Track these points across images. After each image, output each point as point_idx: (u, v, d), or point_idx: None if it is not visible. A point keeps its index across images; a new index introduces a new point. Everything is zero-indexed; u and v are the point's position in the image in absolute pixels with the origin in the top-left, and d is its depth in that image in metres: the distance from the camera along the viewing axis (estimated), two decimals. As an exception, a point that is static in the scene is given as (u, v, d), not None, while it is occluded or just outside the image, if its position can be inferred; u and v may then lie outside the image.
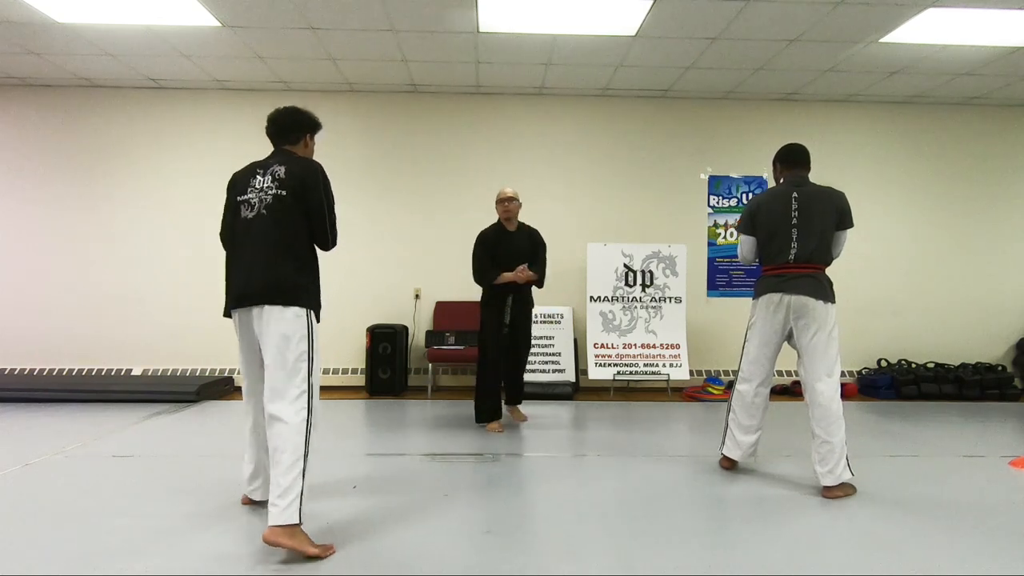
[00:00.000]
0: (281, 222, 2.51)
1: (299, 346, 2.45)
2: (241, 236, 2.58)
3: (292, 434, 2.38)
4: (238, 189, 2.64)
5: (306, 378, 2.45)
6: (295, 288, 2.49)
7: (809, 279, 3.19)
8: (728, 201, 6.60)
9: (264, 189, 2.54)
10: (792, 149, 3.38)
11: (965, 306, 6.66)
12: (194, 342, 6.23)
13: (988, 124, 6.66)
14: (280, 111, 2.73)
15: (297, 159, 2.63)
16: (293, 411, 2.40)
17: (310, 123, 2.78)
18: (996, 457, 3.91)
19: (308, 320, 2.49)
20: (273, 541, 2.29)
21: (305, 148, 2.77)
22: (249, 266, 2.52)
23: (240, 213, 2.59)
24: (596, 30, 4.93)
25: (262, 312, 2.46)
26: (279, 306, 2.45)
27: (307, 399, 2.44)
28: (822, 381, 3.14)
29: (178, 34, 5.06)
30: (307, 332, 2.48)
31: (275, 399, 2.42)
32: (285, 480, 2.33)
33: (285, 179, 2.53)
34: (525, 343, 4.60)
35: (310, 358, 2.47)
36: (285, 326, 2.44)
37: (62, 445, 3.95)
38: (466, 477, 3.43)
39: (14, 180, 6.28)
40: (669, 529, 2.69)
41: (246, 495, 2.89)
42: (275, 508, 2.31)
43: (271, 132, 2.73)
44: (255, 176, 2.60)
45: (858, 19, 4.66)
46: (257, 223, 2.53)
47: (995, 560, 2.42)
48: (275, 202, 2.52)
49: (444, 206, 6.46)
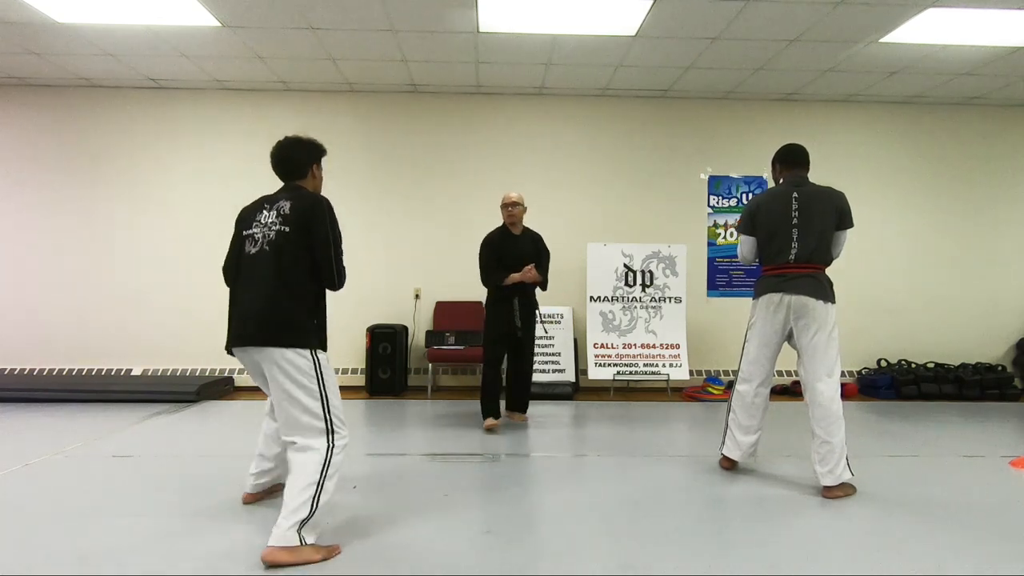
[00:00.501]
0: (284, 259, 2.42)
1: (308, 386, 2.37)
2: (245, 272, 2.51)
3: (309, 460, 2.33)
4: (244, 224, 2.57)
5: (322, 415, 2.38)
6: (296, 328, 2.40)
7: (809, 279, 3.19)
8: (728, 201, 6.60)
9: (268, 225, 2.47)
10: (791, 149, 3.38)
11: (965, 306, 6.66)
12: (194, 342, 6.22)
13: (988, 124, 6.66)
14: (281, 146, 2.64)
15: (303, 195, 2.53)
16: (311, 441, 2.35)
17: (314, 152, 2.68)
18: (996, 457, 3.91)
19: (314, 358, 2.40)
20: (271, 560, 2.25)
21: (314, 179, 2.69)
22: (249, 304, 2.45)
23: (244, 248, 2.52)
24: (596, 30, 4.93)
25: (262, 353, 2.39)
26: (280, 348, 2.36)
27: (327, 433, 2.38)
28: (822, 381, 3.14)
29: (178, 34, 5.06)
30: (315, 370, 2.39)
31: (291, 433, 2.38)
32: (293, 503, 2.28)
33: (289, 215, 2.45)
34: (529, 347, 4.58)
35: (323, 396, 2.39)
36: (288, 368, 2.35)
37: (62, 445, 3.95)
38: (466, 477, 3.43)
39: (14, 180, 6.28)
40: (669, 529, 2.69)
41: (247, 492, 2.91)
42: (277, 529, 2.27)
43: (277, 168, 2.64)
44: (261, 211, 2.53)
45: (858, 19, 4.66)
46: (260, 259, 2.45)
47: (995, 560, 2.42)
48: (278, 238, 2.44)
49: (444, 206, 6.46)
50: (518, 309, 4.43)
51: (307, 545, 2.28)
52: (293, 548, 2.25)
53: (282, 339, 2.37)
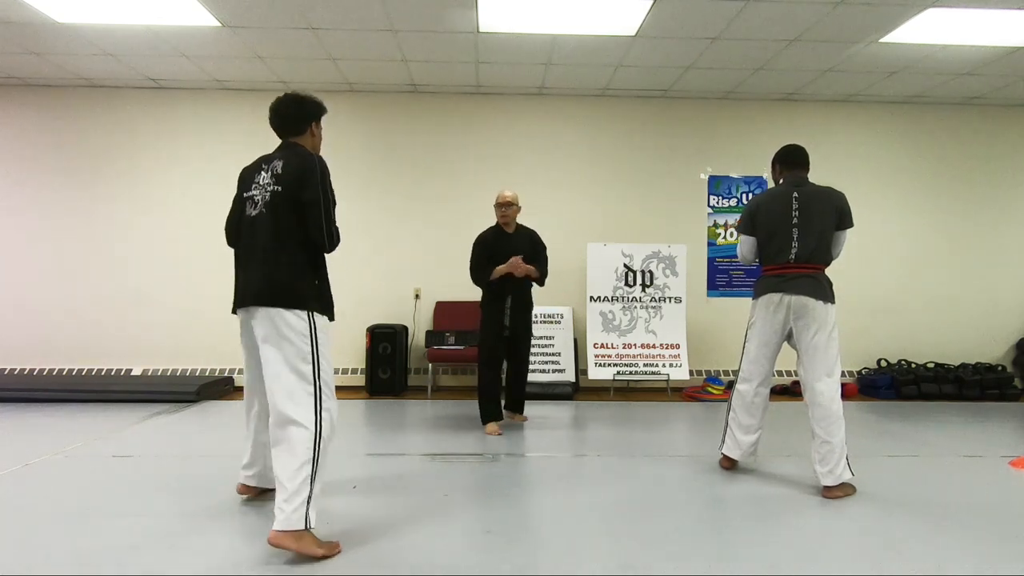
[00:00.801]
0: (280, 220, 2.44)
1: (301, 347, 2.37)
2: (246, 235, 2.54)
3: (299, 437, 2.31)
4: (245, 185, 2.60)
5: (312, 380, 2.37)
6: (292, 290, 2.41)
7: (809, 279, 3.20)
8: (728, 201, 6.60)
9: (265, 186, 2.49)
10: (791, 150, 3.40)
11: (965, 306, 6.66)
12: (194, 342, 6.23)
13: (988, 124, 6.66)
14: (281, 100, 2.64)
15: (297, 153, 2.54)
16: (300, 414, 2.33)
17: (314, 109, 2.67)
18: (996, 457, 3.90)
19: (310, 321, 2.40)
20: (277, 543, 2.26)
21: (312, 137, 2.67)
22: (249, 266, 2.49)
23: (245, 210, 2.55)
24: (596, 30, 4.93)
25: (259, 313, 2.41)
26: (276, 308, 2.38)
27: (315, 401, 2.35)
28: (822, 381, 3.15)
29: (178, 34, 5.06)
30: (309, 333, 2.38)
31: (281, 401, 2.35)
32: (291, 484, 2.26)
33: (282, 175, 2.46)
34: (525, 348, 4.55)
35: (315, 360, 2.38)
36: (283, 328, 2.36)
37: (62, 445, 3.95)
38: (466, 477, 3.43)
39: (14, 180, 6.28)
40: (669, 529, 2.69)
41: (241, 483, 2.90)
42: (280, 513, 2.26)
43: (275, 124, 2.64)
44: (259, 172, 2.54)
45: (858, 19, 4.66)
46: (259, 222, 2.48)
47: (995, 560, 2.42)
48: (273, 199, 2.45)
49: (444, 206, 6.46)
50: (509, 308, 4.39)
51: (311, 532, 2.28)
52: (298, 534, 2.25)
53: (279, 300, 2.38)
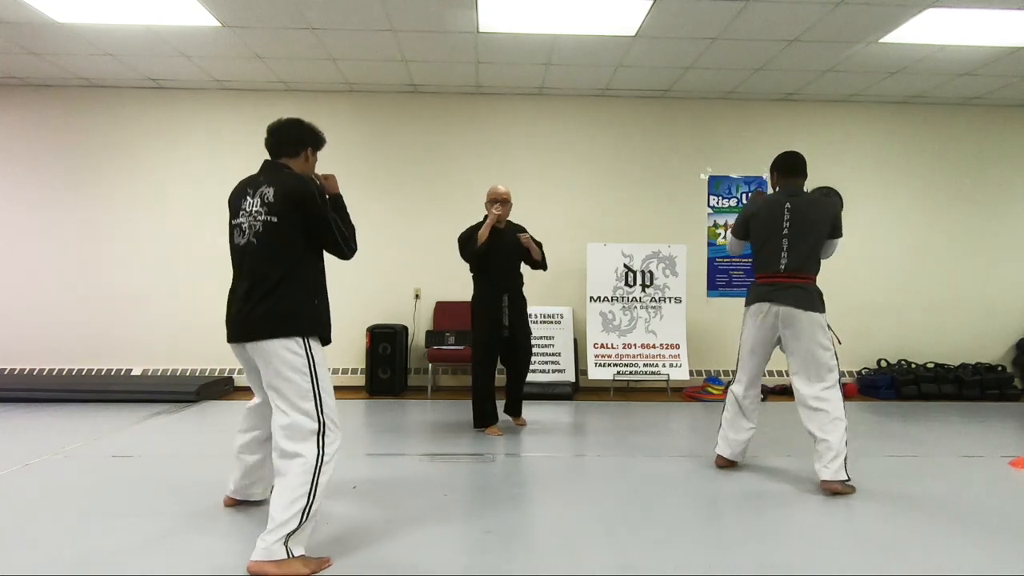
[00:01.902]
0: (274, 250, 2.35)
1: (301, 386, 2.28)
2: (235, 263, 2.46)
3: (298, 470, 2.23)
4: (232, 211, 2.50)
5: (316, 417, 2.28)
6: (286, 317, 2.31)
7: (798, 290, 3.25)
8: (728, 201, 6.60)
9: (254, 214, 2.37)
10: (787, 158, 3.44)
11: (965, 306, 6.65)
12: (194, 342, 6.22)
13: (988, 124, 6.65)
14: (282, 122, 2.55)
15: (286, 177, 2.44)
16: (303, 448, 2.25)
17: (313, 137, 2.60)
18: (996, 457, 3.91)
19: (308, 355, 2.31)
20: (257, 572, 2.16)
21: (306, 163, 2.58)
22: (239, 299, 2.39)
23: (234, 238, 2.46)
24: (596, 30, 4.93)
25: (255, 347, 2.33)
26: (271, 340, 2.29)
27: (318, 438, 2.27)
28: (810, 387, 3.22)
29: (178, 34, 5.06)
30: (308, 369, 2.30)
31: (283, 442, 2.26)
32: (281, 516, 2.17)
33: (274, 203, 2.35)
34: (525, 347, 4.44)
35: (316, 395, 2.30)
36: (281, 368, 2.28)
37: (62, 445, 3.95)
38: (466, 477, 3.43)
39: (14, 180, 6.27)
40: (669, 529, 2.69)
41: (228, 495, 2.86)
42: (262, 543, 2.18)
43: (270, 143, 2.55)
44: (245, 197, 2.43)
45: (858, 19, 4.66)
46: (248, 252, 2.39)
47: (995, 560, 2.42)
48: (265, 230, 2.35)
49: (444, 206, 6.45)
50: (507, 307, 4.31)
51: (295, 558, 2.18)
52: (280, 561, 2.16)
53: (272, 330, 2.30)
